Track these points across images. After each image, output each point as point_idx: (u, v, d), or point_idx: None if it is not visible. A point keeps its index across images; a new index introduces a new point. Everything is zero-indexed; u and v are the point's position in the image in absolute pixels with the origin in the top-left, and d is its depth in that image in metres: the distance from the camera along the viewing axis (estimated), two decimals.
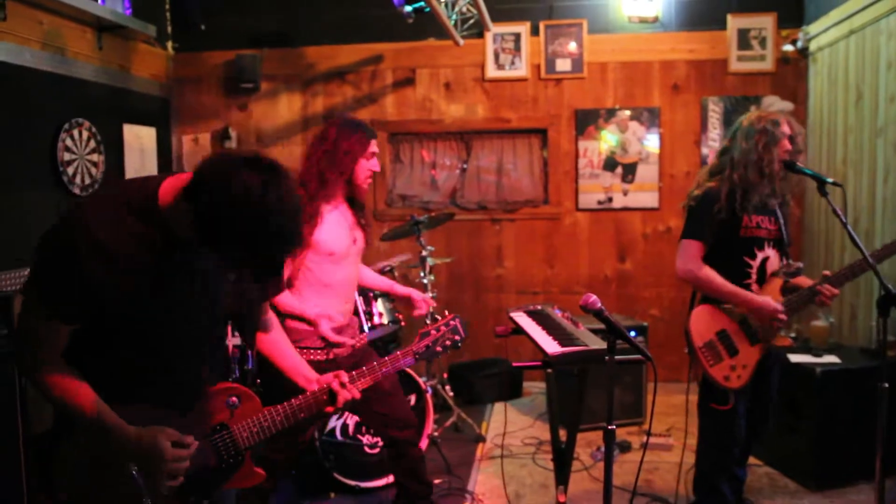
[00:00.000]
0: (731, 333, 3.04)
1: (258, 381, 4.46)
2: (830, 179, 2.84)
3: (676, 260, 3.14)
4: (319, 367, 2.41)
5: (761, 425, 3.26)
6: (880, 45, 4.41)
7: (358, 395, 1.97)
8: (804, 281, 3.14)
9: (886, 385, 2.55)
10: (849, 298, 4.70)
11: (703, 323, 3.08)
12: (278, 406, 1.91)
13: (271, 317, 2.15)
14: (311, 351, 2.81)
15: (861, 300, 4.57)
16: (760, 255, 3.08)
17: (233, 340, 4.28)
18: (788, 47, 5.63)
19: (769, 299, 2.97)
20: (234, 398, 1.85)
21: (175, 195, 1.62)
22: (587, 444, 4.36)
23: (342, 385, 1.95)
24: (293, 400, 1.92)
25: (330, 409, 1.96)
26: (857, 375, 3.80)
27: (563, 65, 5.87)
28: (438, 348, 2.11)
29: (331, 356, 2.82)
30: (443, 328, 2.11)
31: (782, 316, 2.97)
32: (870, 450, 2.67)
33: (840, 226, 2.79)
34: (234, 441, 1.85)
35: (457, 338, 2.12)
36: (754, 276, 3.08)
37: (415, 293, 3.17)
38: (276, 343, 2.14)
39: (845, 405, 3.76)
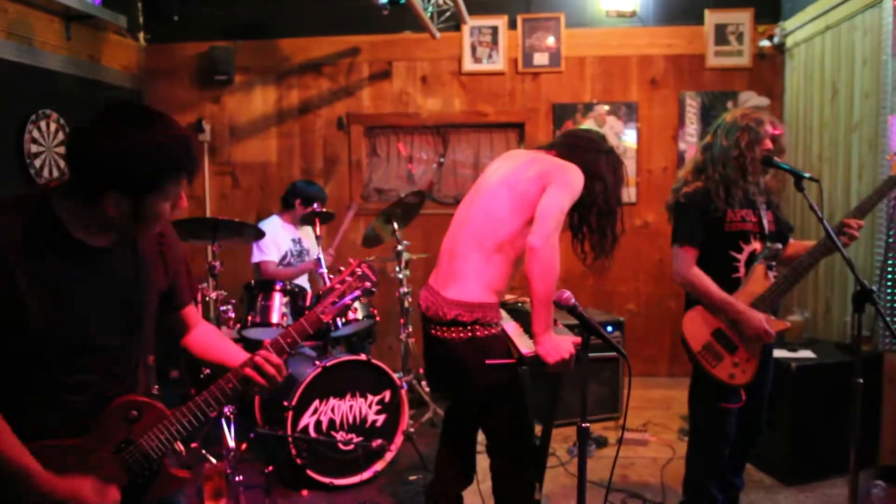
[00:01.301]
0: (727, 330, 2.99)
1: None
2: (807, 174, 2.82)
3: (673, 266, 3.10)
4: None
5: (755, 425, 3.22)
6: (855, 41, 4.43)
7: (272, 371, 1.80)
8: (798, 247, 3.12)
9: (861, 381, 2.54)
10: (823, 293, 4.72)
11: (696, 326, 3.03)
12: (183, 407, 1.80)
13: (198, 318, 2.05)
14: None
15: (835, 295, 4.59)
16: (747, 249, 3.05)
17: None
18: (765, 43, 5.64)
19: (762, 318, 2.92)
20: (134, 412, 1.75)
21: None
22: (564, 440, 4.35)
23: (255, 367, 1.81)
24: (197, 397, 1.81)
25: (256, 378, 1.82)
26: (831, 370, 3.81)
27: (540, 59, 5.84)
28: (347, 300, 1.93)
29: None
30: (348, 279, 1.94)
31: (768, 339, 2.95)
32: (843, 444, 2.66)
33: (815, 221, 2.78)
34: (144, 454, 1.76)
35: (367, 284, 1.93)
36: (742, 271, 3.05)
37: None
38: (205, 336, 2.03)
39: (820, 400, 3.77)
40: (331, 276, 1.90)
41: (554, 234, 2.47)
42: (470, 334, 2.60)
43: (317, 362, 3.81)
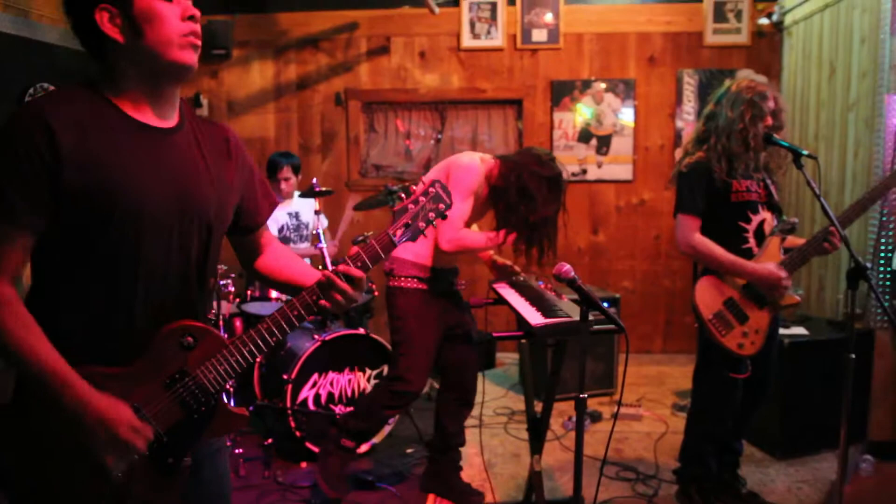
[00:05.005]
0: (739, 300, 3.02)
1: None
2: (805, 152, 2.85)
3: (676, 235, 3.11)
4: None
5: (761, 392, 3.27)
6: (854, 20, 4.43)
7: (347, 290, 1.62)
8: (795, 240, 3.16)
9: (853, 356, 2.59)
10: (817, 271, 4.76)
11: (709, 294, 3.05)
12: (244, 336, 1.62)
13: (271, 238, 1.90)
14: None
15: (829, 273, 4.64)
16: (756, 219, 3.08)
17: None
18: (764, 21, 5.64)
19: (771, 266, 2.95)
20: (189, 338, 1.57)
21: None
22: (558, 415, 4.40)
23: (329, 281, 1.62)
24: (259, 324, 1.63)
25: (324, 303, 1.63)
26: (824, 347, 3.86)
27: (539, 35, 5.82)
28: (421, 223, 1.69)
29: None
30: (422, 199, 1.70)
31: (786, 282, 2.96)
32: (834, 419, 2.71)
33: (811, 197, 2.81)
34: (201, 387, 1.58)
35: (441, 206, 1.71)
36: (752, 241, 3.07)
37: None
38: (278, 257, 1.87)
39: (812, 376, 3.82)
40: (404, 196, 1.70)
41: (456, 234, 3.04)
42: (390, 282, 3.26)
43: (315, 336, 3.84)
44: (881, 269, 3.82)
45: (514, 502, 3.39)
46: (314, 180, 4.42)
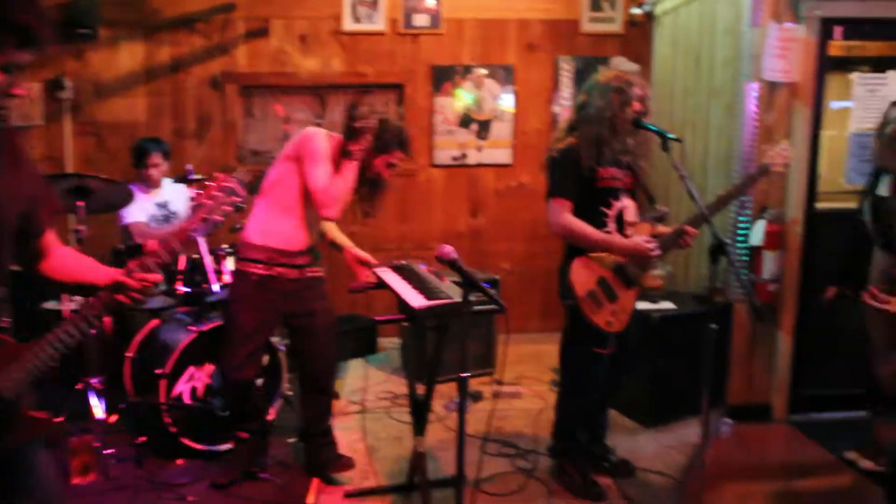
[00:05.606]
0: (609, 280, 3.17)
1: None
2: (672, 135, 3.00)
3: (548, 218, 3.22)
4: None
5: (621, 369, 3.42)
6: (717, 12, 4.66)
7: (147, 283, 1.74)
8: (664, 229, 3.32)
9: (714, 326, 2.75)
10: (684, 250, 5.01)
11: (583, 273, 3.17)
12: (41, 341, 1.64)
13: (55, 241, 1.91)
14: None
15: (695, 250, 4.87)
16: (617, 205, 3.22)
17: (69, 305, 4.01)
18: (636, 10, 5.84)
19: (639, 240, 3.13)
20: None
21: None
22: (439, 397, 4.44)
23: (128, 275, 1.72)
24: (56, 328, 1.65)
25: (123, 298, 1.73)
26: (689, 319, 4.07)
27: (421, 20, 5.82)
28: (217, 217, 1.80)
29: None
30: (217, 194, 1.80)
31: (656, 252, 3.13)
32: (697, 387, 2.88)
33: (677, 179, 2.95)
34: None
35: (236, 199, 1.81)
36: (612, 226, 3.21)
37: None
38: (66, 258, 1.90)
39: (678, 348, 4.03)
40: (199, 192, 1.79)
41: (326, 194, 3.09)
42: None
43: (191, 327, 3.71)
44: (739, 245, 4.06)
45: (398, 484, 3.40)
46: (189, 167, 4.26)
